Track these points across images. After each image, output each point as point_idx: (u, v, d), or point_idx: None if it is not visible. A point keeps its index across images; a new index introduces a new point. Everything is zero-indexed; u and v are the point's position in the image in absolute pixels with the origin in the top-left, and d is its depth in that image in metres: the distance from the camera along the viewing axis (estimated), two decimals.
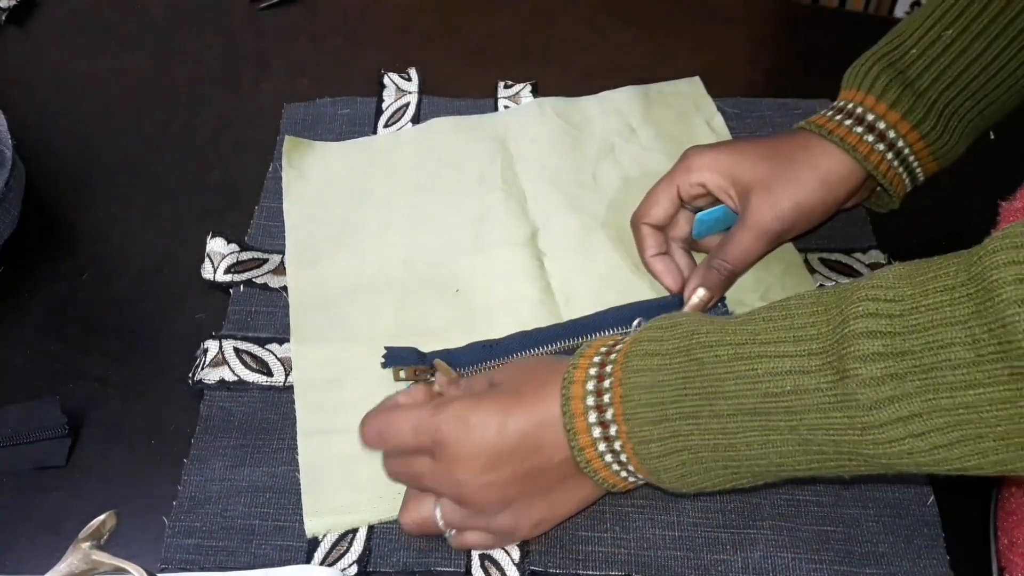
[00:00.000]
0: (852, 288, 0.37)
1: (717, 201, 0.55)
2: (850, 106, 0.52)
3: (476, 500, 0.43)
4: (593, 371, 0.42)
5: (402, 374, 0.52)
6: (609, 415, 0.41)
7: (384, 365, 0.52)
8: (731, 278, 0.53)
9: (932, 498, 0.47)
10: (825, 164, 0.52)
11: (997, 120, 0.54)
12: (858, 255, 0.59)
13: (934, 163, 0.53)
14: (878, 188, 0.56)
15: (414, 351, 0.53)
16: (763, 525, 0.47)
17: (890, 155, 0.52)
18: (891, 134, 0.51)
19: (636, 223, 0.56)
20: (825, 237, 0.60)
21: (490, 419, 0.42)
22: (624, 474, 0.43)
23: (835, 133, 0.52)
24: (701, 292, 0.53)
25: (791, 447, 0.38)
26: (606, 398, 0.41)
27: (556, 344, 0.53)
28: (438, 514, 0.45)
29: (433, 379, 0.51)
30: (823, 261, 0.59)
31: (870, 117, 0.51)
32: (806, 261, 0.58)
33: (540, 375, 0.44)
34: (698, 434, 0.39)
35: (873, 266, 0.58)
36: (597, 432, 0.41)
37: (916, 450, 0.34)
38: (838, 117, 0.52)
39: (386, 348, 0.53)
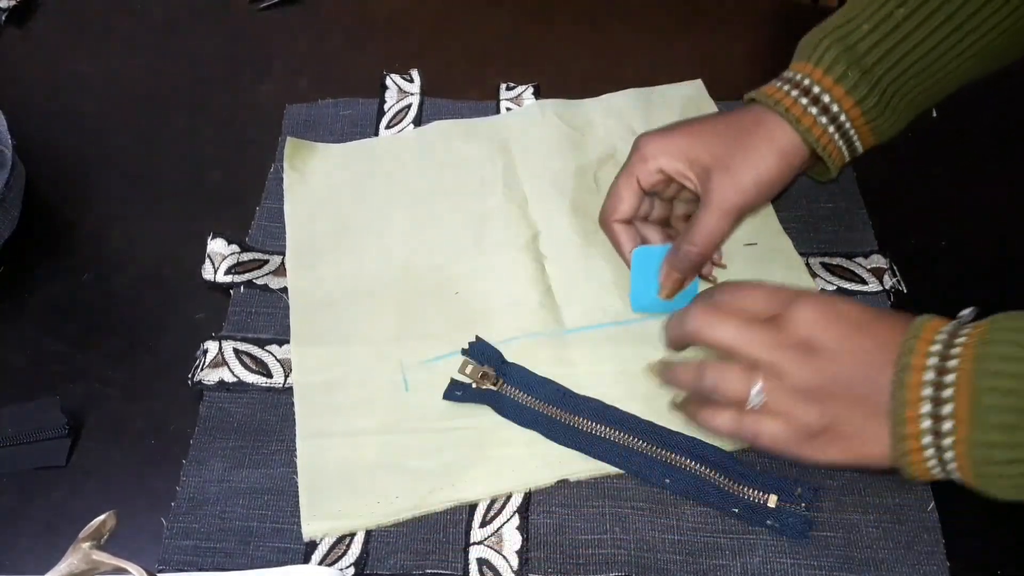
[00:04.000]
0: None
1: (679, 187, 0.55)
2: (798, 77, 0.53)
3: (801, 374, 0.44)
4: (933, 360, 0.42)
5: (468, 369, 0.52)
6: (947, 410, 0.41)
7: (464, 352, 0.53)
8: (701, 260, 0.53)
9: (932, 504, 0.47)
10: (781, 138, 0.52)
11: (938, 100, 0.55)
12: (860, 259, 0.59)
13: (872, 137, 0.54)
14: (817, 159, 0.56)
15: (499, 354, 0.53)
16: (762, 531, 0.47)
17: (832, 128, 0.52)
18: (834, 108, 0.52)
19: (606, 222, 0.56)
20: (827, 241, 0.60)
21: (855, 323, 0.45)
22: (936, 471, 0.43)
23: (781, 103, 0.52)
24: (675, 275, 0.53)
25: None
26: (946, 393, 0.41)
27: (626, 434, 0.50)
28: (755, 388, 0.45)
29: (495, 388, 0.52)
30: (824, 265, 0.59)
31: (816, 89, 0.52)
32: (808, 265, 0.58)
33: (874, 340, 0.44)
34: None
35: (875, 271, 0.58)
36: (927, 424, 0.42)
37: None
38: (786, 88, 0.52)
39: (477, 337, 0.54)
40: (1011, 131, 0.68)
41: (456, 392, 0.52)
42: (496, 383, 0.52)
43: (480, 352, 0.53)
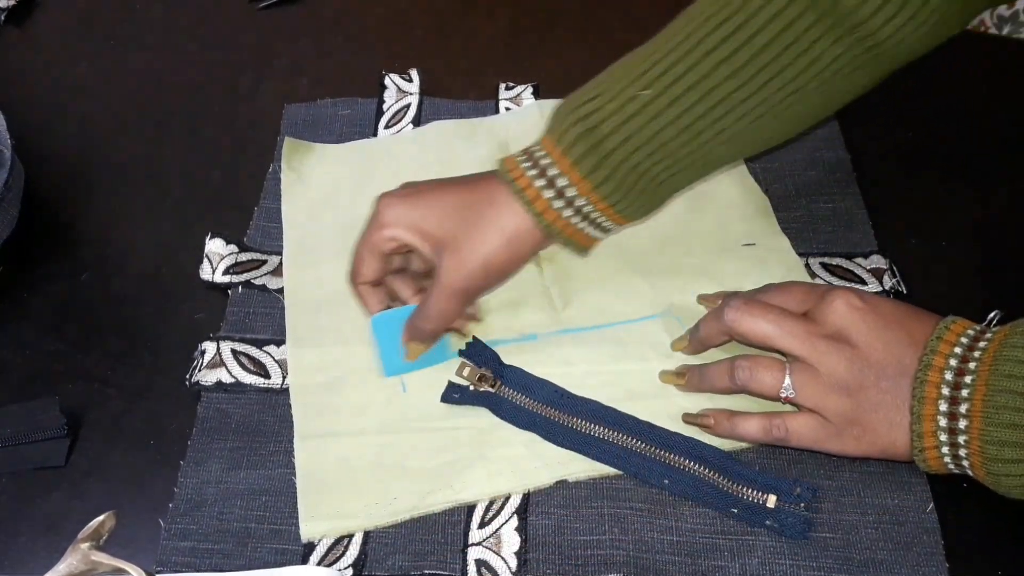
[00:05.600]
0: None
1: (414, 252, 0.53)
2: (540, 154, 0.50)
3: (836, 365, 0.46)
4: (954, 361, 0.44)
5: (466, 371, 0.52)
6: (963, 409, 0.43)
7: (461, 353, 0.53)
8: (435, 334, 0.52)
9: (932, 505, 0.47)
10: (510, 223, 0.50)
11: (699, 179, 0.52)
12: (859, 260, 0.58)
13: (621, 218, 0.51)
14: None
15: (496, 356, 0.53)
16: (761, 532, 0.47)
17: (568, 211, 0.49)
18: (570, 192, 0.49)
19: (351, 284, 0.54)
20: (826, 241, 0.60)
21: (878, 314, 0.46)
22: (951, 466, 0.45)
23: (517, 183, 0.49)
24: (412, 344, 0.52)
25: None
26: (964, 392, 0.43)
27: (625, 435, 0.50)
28: (786, 381, 0.47)
29: (493, 390, 0.51)
30: (824, 266, 0.58)
31: (552, 172, 0.49)
32: (807, 265, 0.58)
33: (906, 336, 0.46)
34: None
35: (875, 271, 0.58)
36: (943, 422, 0.44)
37: None
38: (526, 164, 0.50)
39: (474, 338, 0.53)
40: (1011, 131, 0.67)
41: (454, 395, 0.52)
42: (494, 385, 0.52)
43: (477, 353, 0.53)
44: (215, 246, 0.59)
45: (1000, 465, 0.43)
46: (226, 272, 0.58)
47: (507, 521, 0.48)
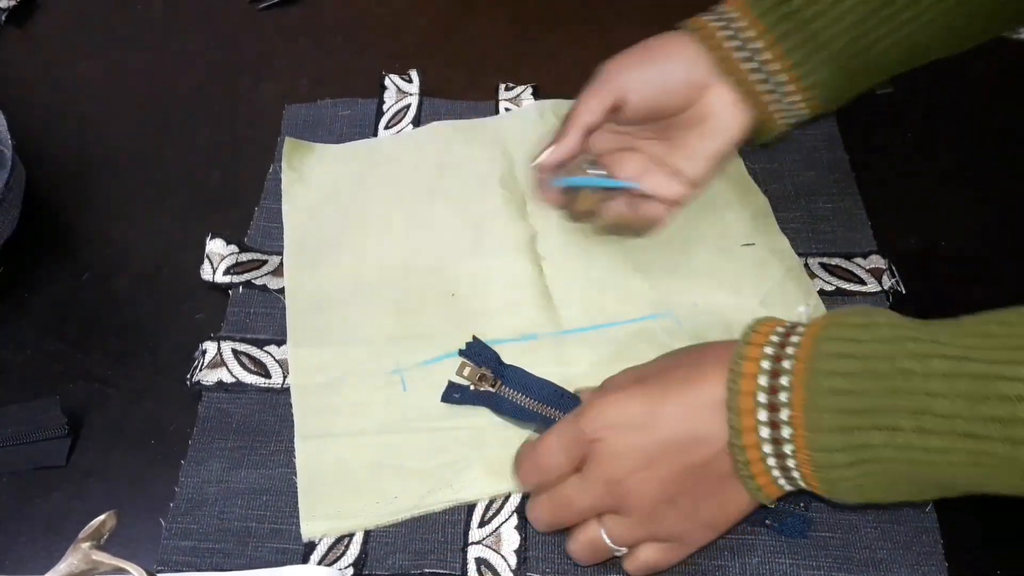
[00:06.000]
0: None
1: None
2: (729, 10, 0.53)
3: (638, 503, 0.42)
4: (766, 364, 0.39)
5: (466, 371, 0.52)
6: (784, 415, 0.39)
7: (461, 353, 0.53)
8: (575, 123, 0.55)
9: (931, 504, 0.47)
10: (678, 51, 0.54)
11: (880, 77, 0.54)
12: (858, 260, 0.59)
13: (802, 96, 0.52)
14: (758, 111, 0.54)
15: (496, 355, 0.53)
16: (761, 531, 0.47)
17: (749, 64, 0.52)
18: (752, 45, 0.51)
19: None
20: (825, 242, 0.60)
21: (637, 410, 0.41)
22: (782, 481, 0.41)
23: (701, 31, 0.53)
24: (556, 148, 0.55)
25: (1004, 474, 0.36)
26: (782, 396, 0.39)
27: None
28: (603, 534, 0.43)
29: (493, 389, 0.51)
30: (823, 266, 0.59)
31: (733, 16, 0.52)
32: (806, 265, 0.58)
33: (700, 361, 0.42)
34: (893, 448, 0.37)
35: (874, 272, 0.58)
36: (765, 432, 0.39)
37: None
38: (710, 17, 0.53)
39: (474, 337, 0.53)
40: (1011, 131, 0.68)
41: (454, 395, 0.52)
42: (494, 384, 0.52)
43: (477, 353, 0.53)
44: (216, 246, 0.59)
45: (833, 471, 0.39)
46: (227, 272, 0.58)
47: (507, 520, 0.48)
